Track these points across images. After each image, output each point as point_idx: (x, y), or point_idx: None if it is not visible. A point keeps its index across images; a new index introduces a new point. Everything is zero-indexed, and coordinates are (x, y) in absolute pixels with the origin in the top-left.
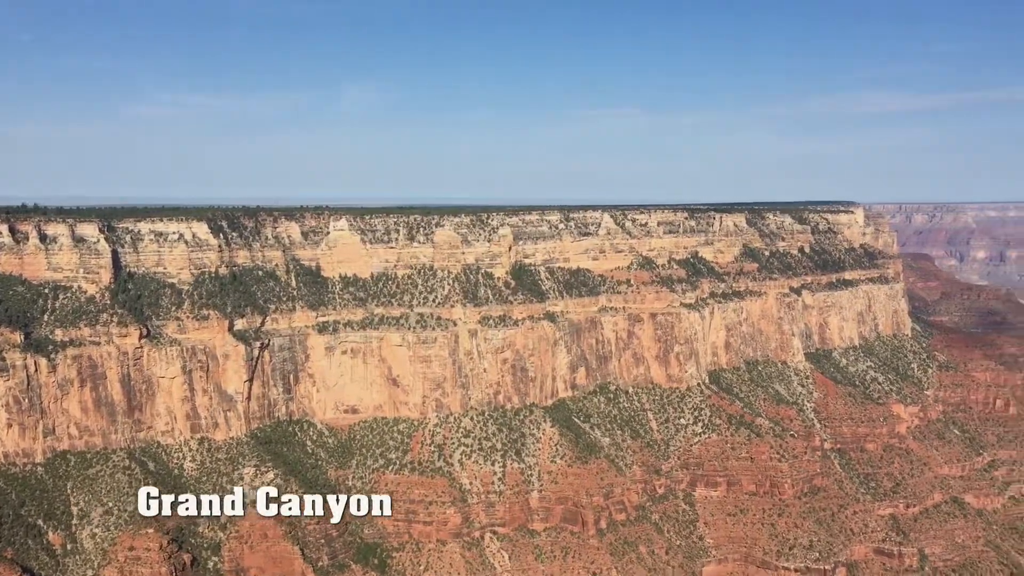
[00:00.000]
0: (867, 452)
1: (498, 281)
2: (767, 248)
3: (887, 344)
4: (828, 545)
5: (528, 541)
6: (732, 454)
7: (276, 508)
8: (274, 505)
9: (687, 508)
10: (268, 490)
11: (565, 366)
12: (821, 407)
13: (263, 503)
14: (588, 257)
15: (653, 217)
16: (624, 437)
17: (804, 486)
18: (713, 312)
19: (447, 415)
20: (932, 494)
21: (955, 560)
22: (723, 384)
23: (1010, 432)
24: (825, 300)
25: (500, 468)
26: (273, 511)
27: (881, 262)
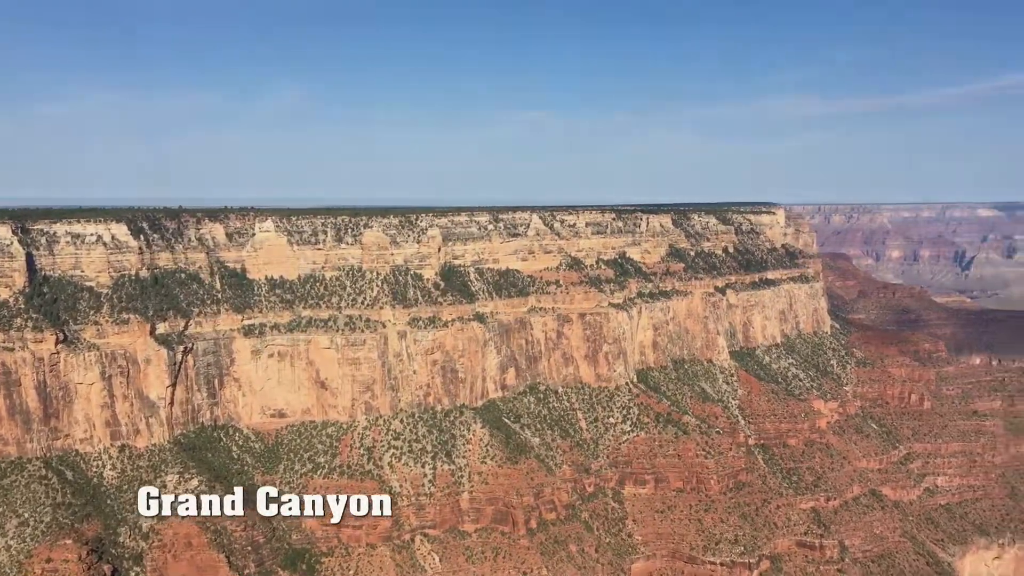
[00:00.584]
0: (789, 447)
1: (427, 282)
2: (693, 248)
3: (808, 342)
4: (753, 539)
5: (459, 542)
6: (660, 452)
7: (276, 508)
8: (274, 505)
9: (616, 506)
10: (268, 490)
11: (495, 367)
12: (745, 404)
13: (263, 503)
14: (517, 258)
15: (581, 218)
16: (554, 437)
17: (729, 482)
18: (641, 312)
19: (376, 417)
20: (851, 487)
21: (873, 551)
22: (651, 383)
23: (924, 426)
24: (749, 299)
25: (430, 470)
26: (273, 511)
27: (802, 262)
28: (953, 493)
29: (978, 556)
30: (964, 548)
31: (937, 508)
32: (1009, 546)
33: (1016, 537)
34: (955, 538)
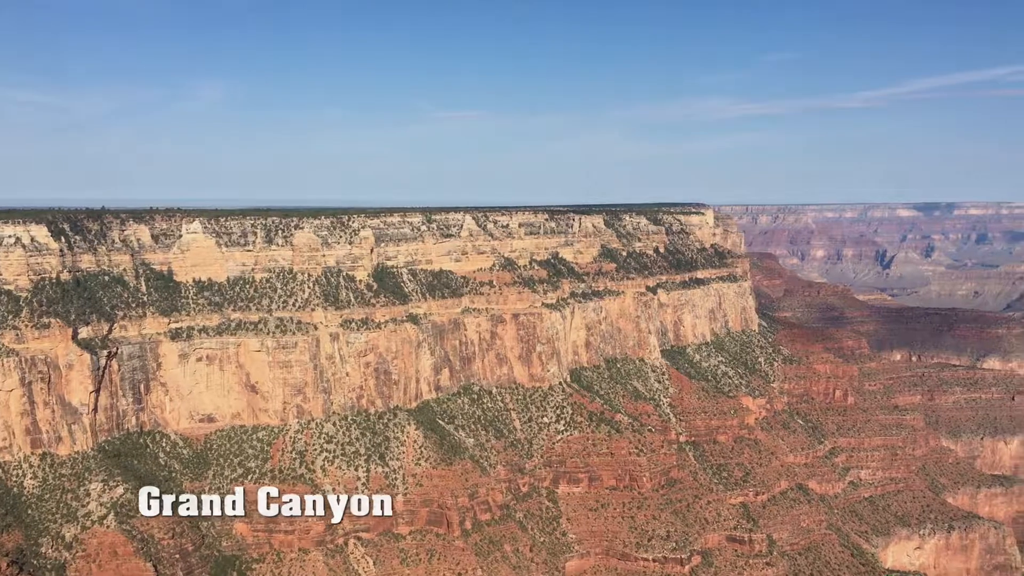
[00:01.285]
0: (719, 444)
1: (360, 284)
2: (624, 248)
3: (736, 340)
4: (684, 535)
5: (393, 545)
6: (593, 450)
7: (277, 509)
8: (275, 505)
9: (550, 505)
10: (269, 490)
11: (429, 368)
12: (676, 402)
13: (264, 503)
14: (451, 259)
15: (514, 219)
16: (488, 437)
17: (661, 479)
18: (574, 312)
19: (309, 421)
20: (779, 482)
21: (800, 544)
22: (584, 382)
23: (848, 421)
24: (679, 298)
25: (364, 473)
26: (274, 511)
27: (730, 261)
28: (876, 486)
29: (900, 547)
30: (887, 539)
31: (861, 501)
32: (929, 537)
33: (936, 528)
34: (878, 530)
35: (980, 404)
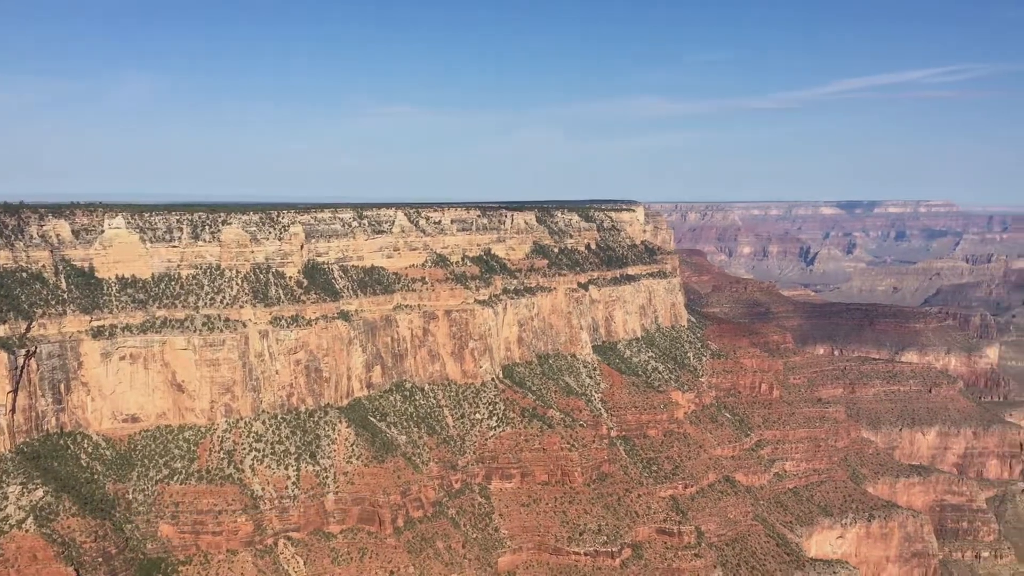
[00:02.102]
0: (649, 438)
1: (290, 280)
2: (556, 245)
3: (666, 335)
4: (615, 528)
5: (324, 544)
6: (526, 446)
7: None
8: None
9: (483, 501)
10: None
11: (360, 365)
12: (608, 397)
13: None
14: (382, 255)
15: (447, 215)
16: (420, 434)
17: (593, 473)
18: (506, 308)
19: (237, 419)
20: (707, 474)
21: (728, 535)
22: (516, 378)
23: (774, 413)
24: (610, 294)
25: (294, 472)
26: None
27: (660, 258)
28: (800, 477)
29: (823, 536)
30: (810, 529)
31: (785, 492)
32: (851, 526)
33: (857, 517)
34: (802, 519)
35: (899, 396)
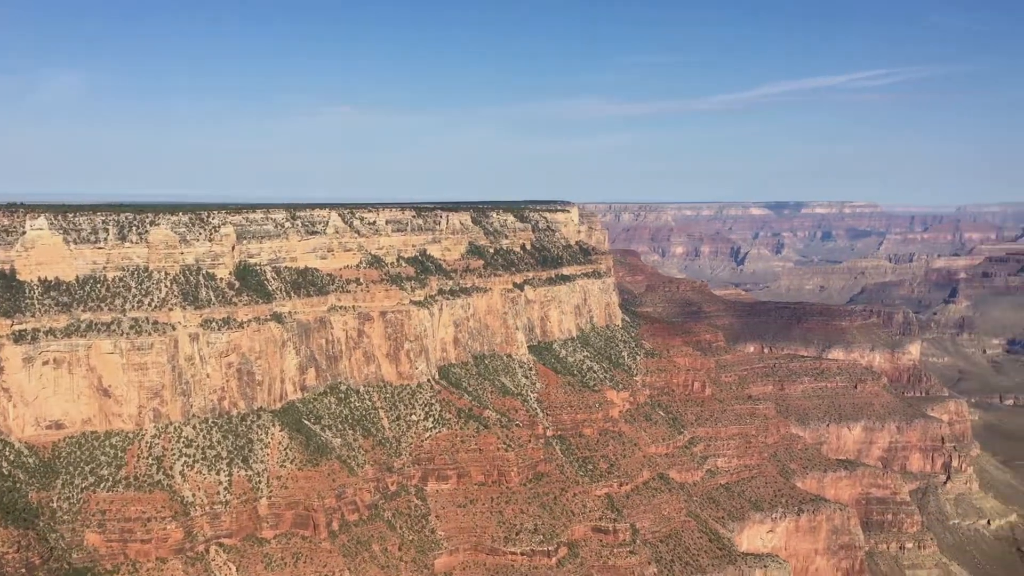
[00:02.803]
0: (585, 437)
1: (221, 282)
2: (492, 245)
3: (601, 335)
4: (551, 527)
5: (257, 550)
6: (462, 447)
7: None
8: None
9: (419, 503)
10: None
11: (294, 367)
12: (544, 396)
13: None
14: (316, 256)
15: (381, 216)
16: (356, 437)
17: (529, 473)
18: (442, 309)
19: (166, 425)
20: (642, 472)
21: (662, 531)
22: (452, 379)
23: (706, 411)
24: (546, 295)
25: (226, 477)
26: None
27: (595, 258)
28: (731, 473)
29: (754, 530)
30: (742, 524)
31: (718, 488)
32: (781, 520)
33: (787, 512)
34: (734, 515)
35: (826, 393)
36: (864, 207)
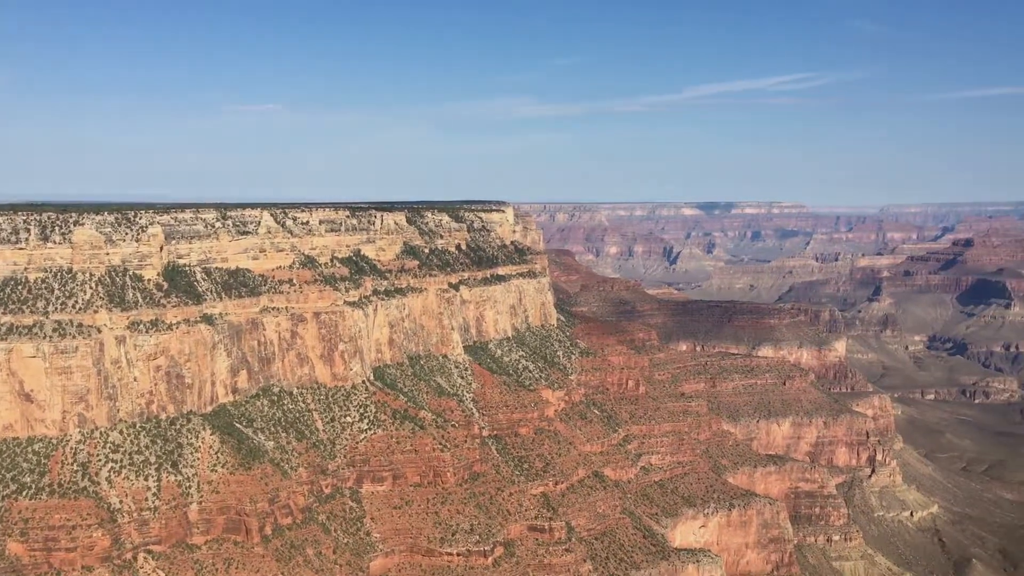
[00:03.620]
0: (520, 436)
1: (149, 283)
2: (427, 246)
3: (536, 334)
4: (487, 527)
5: (187, 556)
6: (397, 448)
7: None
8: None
9: (354, 505)
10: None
11: (225, 370)
12: (479, 396)
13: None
14: (248, 256)
15: (315, 215)
16: (289, 439)
17: (465, 473)
18: (377, 309)
19: (92, 430)
20: (577, 470)
21: (597, 529)
22: (388, 380)
23: (640, 409)
24: (481, 295)
25: (155, 483)
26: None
27: (530, 258)
28: (665, 470)
29: (687, 526)
30: (675, 520)
31: (652, 484)
32: (713, 515)
33: (718, 507)
34: (667, 511)
35: (756, 389)
36: (792, 207)
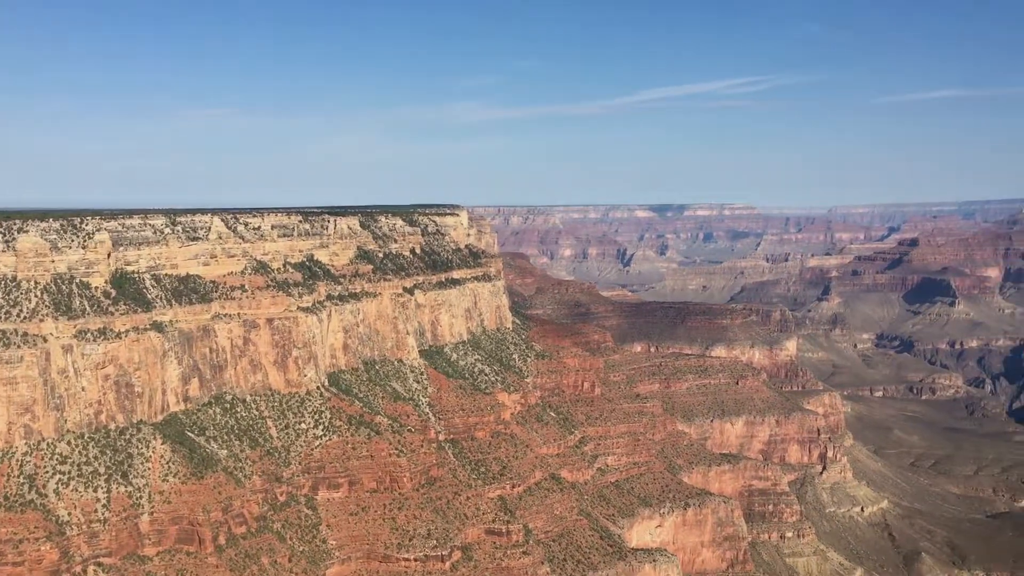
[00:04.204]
0: (477, 440)
1: (96, 291)
2: (381, 250)
3: (492, 337)
4: (445, 532)
5: (139, 568)
6: (353, 454)
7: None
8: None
9: (310, 512)
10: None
11: (176, 378)
12: (435, 401)
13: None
14: (198, 263)
15: (267, 220)
16: (243, 447)
17: (422, 478)
18: (331, 315)
19: (39, 441)
20: (534, 473)
21: (555, 530)
22: (342, 385)
23: (596, 411)
24: (436, 299)
25: (104, 494)
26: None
27: (484, 261)
28: (621, 471)
29: (643, 526)
30: (631, 520)
31: (608, 485)
32: (668, 515)
33: (674, 506)
34: (623, 511)
35: (709, 389)
36: (742, 209)
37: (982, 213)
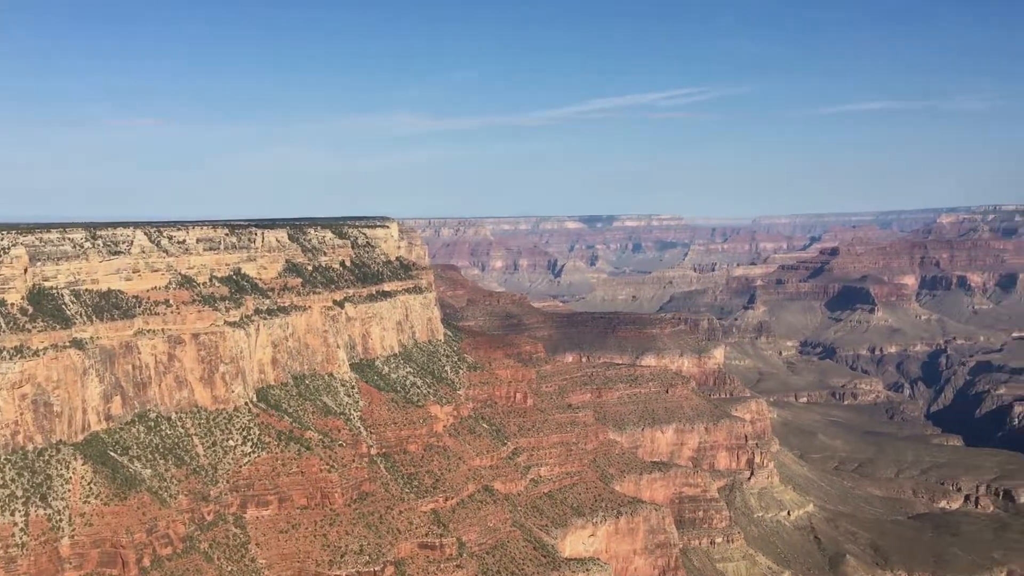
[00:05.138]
0: (409, 453)
1: (12, 308)
2: (310, 263)
3: (423, 350)
4: (377, 547)
5: None
6: (283, 470)
7: None
8: None
9: (238, 531)
10: None
11: (98, 396)
12: (367, 415)
13: None
14: (120, 277)
15: (192, 234)
16: (168, 466)
17: (354, 493)
18: (259, 329)
19: None
20: (467, 485)
21: (488, 543)
22: (272, 401)
23: (528, 421)
24: (367, 311)
25: (22, 517)
26: None
27: (415, 273)
28: (554, 481)
29: (576, 536)
30: (565, 530)
31: (541, 496)
32: (601, 523)
33: (607, 515)
34: (557, 522)
35: (640, 398)
36: (670, 220)
37: (899, 223)
